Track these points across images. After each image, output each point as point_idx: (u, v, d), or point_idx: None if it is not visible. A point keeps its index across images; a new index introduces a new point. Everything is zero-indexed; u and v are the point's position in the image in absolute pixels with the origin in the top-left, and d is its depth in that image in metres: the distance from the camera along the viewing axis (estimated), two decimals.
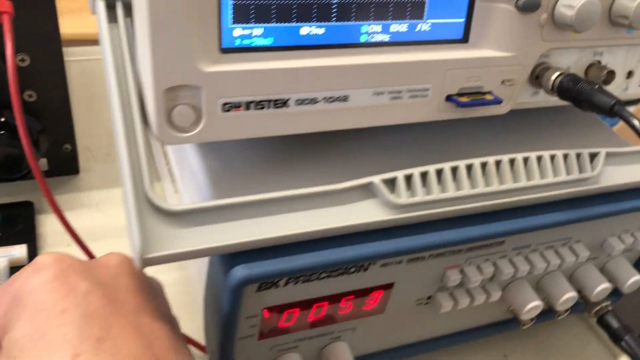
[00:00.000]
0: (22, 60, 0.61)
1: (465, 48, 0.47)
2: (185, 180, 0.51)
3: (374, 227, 0.43)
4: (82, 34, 0.89)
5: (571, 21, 0.45)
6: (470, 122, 0.53)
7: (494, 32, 0.46)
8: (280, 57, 0.41)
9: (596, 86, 0.46)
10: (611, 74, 0.52)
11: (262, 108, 0.41)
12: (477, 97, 0.47)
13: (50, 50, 0.62)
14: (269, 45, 0.41)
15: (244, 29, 0.40)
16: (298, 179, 0.47)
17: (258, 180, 0.47)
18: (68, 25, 0.82)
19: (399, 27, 0.44)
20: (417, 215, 0.44)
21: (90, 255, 0.51)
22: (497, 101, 0.47)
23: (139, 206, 0.37)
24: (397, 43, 0.45)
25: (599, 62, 0.53)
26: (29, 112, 0.64)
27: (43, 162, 0.69)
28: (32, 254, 0.61)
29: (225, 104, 0.40)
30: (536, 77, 0.50)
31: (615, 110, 0.44)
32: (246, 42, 0.40)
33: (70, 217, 0.68)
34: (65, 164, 0.71)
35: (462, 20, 0.46)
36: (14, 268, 0.60)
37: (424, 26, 0.45)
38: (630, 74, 0.55)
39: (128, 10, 0.41)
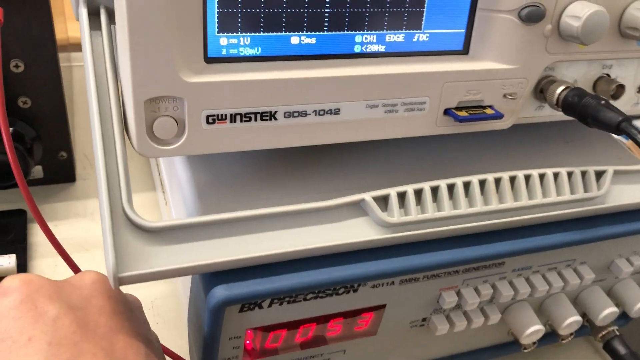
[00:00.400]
0: (17, 66, 0.60)
1: (465, 60, 0.44)
2: (173, 192, 0.49)
3: (364, 247, 0.41)
4: None
5: (577, 33, 0.43)
6: (470, 137, 0.51)
7: (495, 44, 0.44)
8: (269, 67, 0.39)
9: (602, 101, 0.43)
10: (621, 88, 0.49)
11: (249, 120, 0.40)
12: (476, 112, 0.45)
13: (45, 56, 0.61)
14: (257, 55, 0.39)
15: (230, 38, 0.38)
16: (287, 194, 0.45)
17: (245, 194, 0.45)
18: (73, 29, 0.81)
19: (395, 37, 0.42)
20: (411, 234, 0.42)
21: (76, 269, 0.50)
22: (498, 116, 0.45)
23: (114, 222, 0.36)
24: (393, 54, 0.43)
25: (608, 75, 0.50)
26: (24, 119, 0.63)
27: (38, 169, 0.68)
28: (22, 264, 0.60)
29: (209, 116, 0.38)
30: (540, 91, 0.48)
31: (622, 127, 0.41)
32: (233, 51, 0.39)
33: (64, 226, 0.67)
34: (61, 172, 0.69)
35: (462, 30, 0.44)
36: (1, 279, 0.59)
37: (421, 36, 0.43)
38: None
39: (112, 18, 0.40)
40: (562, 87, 0.46)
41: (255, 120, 0.40)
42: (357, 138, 0.43)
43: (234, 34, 0.38)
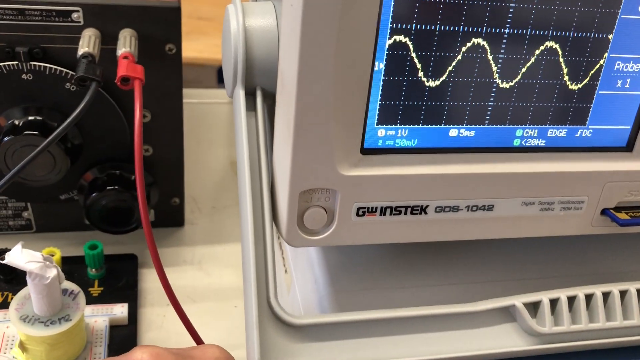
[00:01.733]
0: (144, 116, 0.61)
1: (629, 158, 0.41)
2: (299, 270, 0.48)
3: (510, 356, 0.38)
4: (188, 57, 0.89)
5: None
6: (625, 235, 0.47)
7: None
8: (424, 160, 0.37)
9: None
10: None
11: (399, 214, 0.38)
12: (637, 214, 0.41)
13: (171, 107, 0.61)
14: (413, 147, 0.38)
15: (388, 130, 0.37)
16: (420, 283, 0.43)
17: (377, 279, 0.43)
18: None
19: (557, 132, 0.40)
20: (562, 346, 0.39)
21: (188, 324, 0.49)
22: None
23: (260, 315, 0.35)
24: (553, 149, 0.40)
25: None
26: (144, 166, 0.64)
27: (151, 214, 0.69)
28: (132, 312, 0.60)
29: (360, 208, 0.37)
30: None
31: None
32: (389, 142, 0.37)
33: (171, 273, 0.67)
34: (171, 217, 0.70)
35: (628, 127, 0.41)
36: (115, 327, 0.59)
37: (585, 132, 0.40)
38: None
39: (267, 98, 0.39)
40: None
41: (405, 214, 0.38)
42: (509, 235, 0.40)
43: (393, 125, 0.37)
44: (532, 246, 0.48)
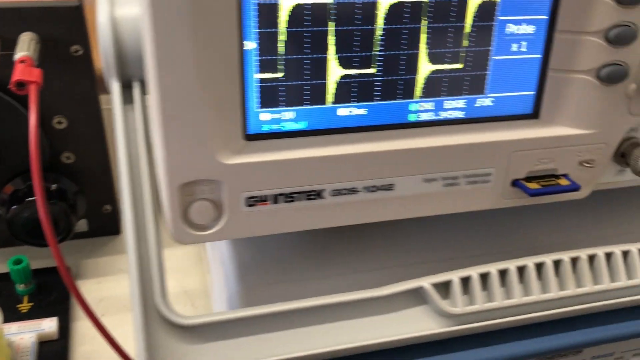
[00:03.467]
0: (59, 122, 0.59)
1: (536, 125, 0.40)
2: (215, 269, 0.46)
3: (424, 340, 0.37)
4: None
5: None
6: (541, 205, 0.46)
7: (570, 107, 0.39)
8: (315, 143, 0.36)
9: None
10: None
11: (293, 201, 0.36)
12: (549, 183, 0.40)
13: (88, 111, 0.59)
14: (302, 129, 0.36)
15: (272, 113, 0.35)
16: (334, 272, 0.42)
17: (290, 272, 0.42)
18: None
19: (455, 103, 0.38)
20: (476, 326, 0.37)
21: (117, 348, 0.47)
22: (574, 188, 0.40)
23: (147, 319, 0.33)
24: (452, 121, 0.38)
25: None
26: (68, 174, 0.62)
27: (82, 223, 0.66)
28: (64, 326, 0.58)
29: (249, 197, 0.35)
30: (622, 155, 0.42)
31: None
32: (275, 127, 0.35)
33: (108, 283, 0.65)
34: (105, 225, 0.68)
35: (531, 93, 0.39)
36: (45, 343, 0.57)
37: (485, 101, 0.39)
38: None
39: (146, 91, 0.37)
40: None
41: (300, 200, 0.36)
42: (413, 214, 0.39)
43: (277, 108, 0.35)
44: (453, 224, 0.46)
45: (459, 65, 0.37)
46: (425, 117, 0.38)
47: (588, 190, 0.42)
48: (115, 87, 0.36)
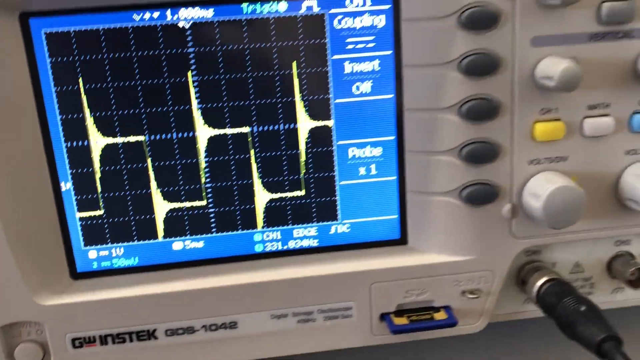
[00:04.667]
0: None
1: (403, 252, 0.36)
2: None
3: None
4: None
5: (541, 216, 0.32)
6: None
7: (438, 232, 0.35)
8: (147, 279, 0.34)
9: (583, 307, 0.32)
10: None
11: (123, 342, 0.34)
12: (421, 318, 0.35)
13: None
14: (134, 265, 0.35)
15: (100, 250, 0.34)
16: None
17: None
18: None
19: (305, 231, 0.36)
20: None
21: None
22: (450, 323, 0.35)
23: None
24: (303, 251, 0.36)
25: (629, 254, 0.38)
26: None
27: None
28: None
29: (75, 339, 0.34)
30: (522, 282, 0.37)
31: (603, 350, 0.29)
32: (106, 264, 0.35)
33: None
34: None
35: (394, 217, 0.36)
36: None
37: (340, 228, 0.36)
38: None
39: None
40: (543, 279, 0.35)
41: (131, 341, 0.34)
42: (264, 354, 0.35)
43: (104, 245, 0.34)
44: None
45: (301, 193, 0.35)
46: (273, 247, 0.35)
47: (482, 322, 0.36)
48: None
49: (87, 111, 0.32)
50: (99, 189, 0.33)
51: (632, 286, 0.37)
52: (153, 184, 0.34)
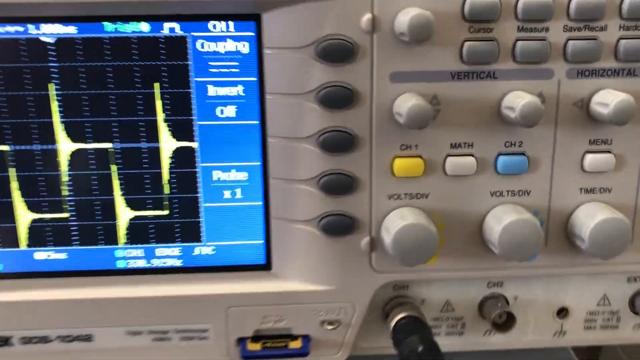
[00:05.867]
0: None
1: (265, 278, 0.36)
2: None
3: None
4: None
5: (391, 252, 0.32)
6: None
7: (299, 259, 0.35)
8: (6, 287, 0.35)
9: (421, 347, 0.31)
10: (509, 318, 0.36)
11: None
12: (275, 345, 0.35)
13: None
14: None
15: None
16: None
17: None
18: None
19: (169, 251, 0.36)
20: None
21: None
22: (301, 352, 0.34)
23: None
24: (166, 270, 0.36)
25: (502, 296, 0.37)
26: None
27: None
28: None
29: None
30: (386, 316, 0.36)
31: None
32: None
33: None
34: None
35: (260, 242, 0.36)
36: None
37: (204, 250, 0.36)
38: (561, 313, 0.37)
39: None
40: (401, 315, 0.35)
41: None
42: None
43: None
44: None
45: (164, 212, 0.35)
46: (135, 264, 0.36)
47: (343, 354, 0.36)
48: None
49: None
50: None
51: (497, 329, 0.36)
52: (16, 193, 0.34)
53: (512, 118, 0.31)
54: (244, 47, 0.33)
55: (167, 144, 0.34)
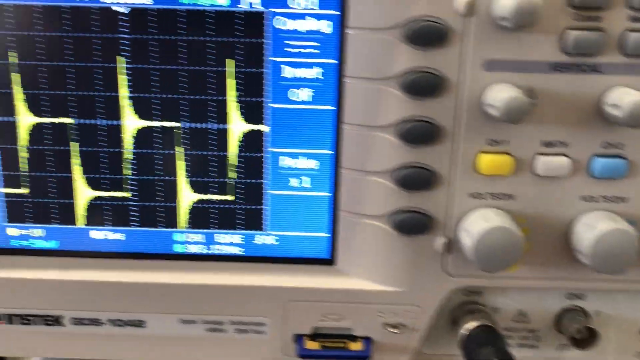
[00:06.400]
0: None
1: (328, 273, 0.33)
2: None
3: None
4: None
5: (472, 256, 0.30)
6: None
7: (367, 257, 0.33)
8: (60, 265, 0.33)
9: None
10: (591, 334, 0.33)
11: (29, 323, 0.34)
12: (335, 345, 0.33)
13: None
14: (52, 248, 0.34)
15: (20, 228, 0.34)
16: None
17: None
18: None
19: (229, 238, 0.34)
20: None
21: None
22: (362, 355, 0.32)
23: None
24: (225, 258, 0.34)
25: (581, 310, 0.34)
26: None
27: None
28: None
29: None
30: (453, 322, 0.34)
31: None
32: (24, 243, 0.34)
33: None
34: None
35: (324, 235, 0.34)
36: None
37: (266, 239, 0.34)
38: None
39: None
40: (475, 324, 0.32)
41: (37, 324, 0.33)
42: (167, 358, 0.34)
43: (24, 224, 0.34)
44: None
45: (229, 197, 0.33)
46: (194, 249, 0.34)
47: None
48: None
49: (17, 88, 0.31)
50: (24, 167, 0.33)
51: (576, 345, 0.33)
52: (77, 169, 0.33)
53: (617, 117, 0.28)
54: (327, 27, 0.31)
55: (236, 125, 0.32)
